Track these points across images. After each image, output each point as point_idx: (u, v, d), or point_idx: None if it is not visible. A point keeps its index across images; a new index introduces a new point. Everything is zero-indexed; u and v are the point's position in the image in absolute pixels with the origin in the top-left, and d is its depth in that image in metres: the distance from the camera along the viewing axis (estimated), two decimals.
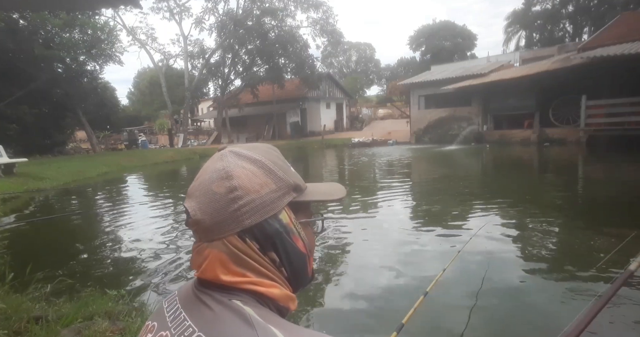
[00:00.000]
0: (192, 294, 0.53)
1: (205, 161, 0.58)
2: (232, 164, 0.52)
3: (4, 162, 10.94)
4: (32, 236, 5.80)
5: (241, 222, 0.50)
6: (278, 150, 0.59)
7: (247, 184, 0.51)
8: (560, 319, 2.64)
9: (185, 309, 0.52)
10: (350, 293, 3.24)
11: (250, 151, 0.54)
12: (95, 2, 3.90)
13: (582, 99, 14.06)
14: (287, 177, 0.54)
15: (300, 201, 0.55)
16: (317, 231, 0.61)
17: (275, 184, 0.52)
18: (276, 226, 0.52)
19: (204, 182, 0.52)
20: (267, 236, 0.51)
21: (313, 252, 0.59)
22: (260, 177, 0.52)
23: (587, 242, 4.23)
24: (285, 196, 0.53)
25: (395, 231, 4.95)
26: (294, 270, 0.55)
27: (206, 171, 0.53)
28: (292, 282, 0.55)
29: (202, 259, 0.51)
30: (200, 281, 0.53)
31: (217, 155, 0.55)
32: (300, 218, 0.56)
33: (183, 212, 2.76)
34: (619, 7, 24.78)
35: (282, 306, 0.52)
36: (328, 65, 44.44)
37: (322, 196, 0.59)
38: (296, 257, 0.54)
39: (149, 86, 39.96)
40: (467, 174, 10.70)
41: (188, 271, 3.88)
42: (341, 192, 0.61)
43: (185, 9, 26.30)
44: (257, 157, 0.53)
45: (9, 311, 2.40)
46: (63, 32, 18.18)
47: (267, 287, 0.51)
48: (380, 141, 23.33)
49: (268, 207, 0.51)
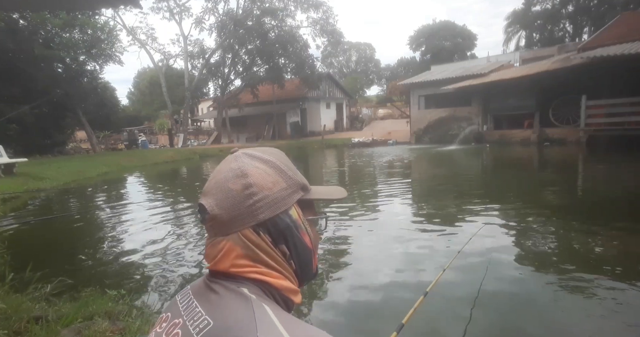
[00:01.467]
0: (203, 285, 0.57)
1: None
2: (246, 164, 0.57)
3: (4, 162, 10.94)
4: (32, 236, 5.80)
5: (256, 216, 0.54)
6: (284, 154, 0.63)
7: (261, 181, 0.55)
8: (561, 319, 2.65)
9: (197, 297, 0.56)
10: (349, 293, 3.24)
11: (261, 153, 0.59)
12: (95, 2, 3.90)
13: (582, 99, 14.06)
14: (295, 176, 0.59)
15: (306, 199, 0.60)
16: (321, 229, 0.66)
17: (285, 183, 0.57)
18: (287, 221, 0.56)
19: (220, 181, 0.56)
20: (279, 230, 0.56)
21: (317, 249, 0.64)
22: (272, 175, 0.56)
23: (587, 242, 4.23)
24: (294, 194, 0.58)
25: (395, 231, 4.95)
26: (301, 264, 0.59)
27: (221, 171, 0.58)
28: (299, 275, 0.60)
29: (217, 252, 0.55)
30: (212, 273, 0.57)
31: (231, 157, 0.59)
32: (306, 216, 0.60)
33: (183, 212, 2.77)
34: (619, 7, 24.78)
35: (287, 298, 0.57)
36: (328, 65, 44.48)
37: (325, 195, 0.64)
38: (303, 252, 0.59)
39: (149, 86, 39.96)
40: (467, 174, 10.70)
41: (188, 271, 3.88)
42: (342, 193, 0.66)
43: (185, 9, 26.33)
44: (269, 158, 0.58)
45: (9, 311, 2.40)
46: (63, 32, 18.19)
47: (275, 278, 0.56)
48: (380, 141, 23.33)
49: (280, 203, 0.56)
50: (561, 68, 14.77)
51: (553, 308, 2.77)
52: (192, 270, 3.91)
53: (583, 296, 2.95)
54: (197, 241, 4.97)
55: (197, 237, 5.12)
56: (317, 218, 0.63)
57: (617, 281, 3.14)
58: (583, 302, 2.86)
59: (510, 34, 33.57)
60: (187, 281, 3.64)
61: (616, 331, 2.56)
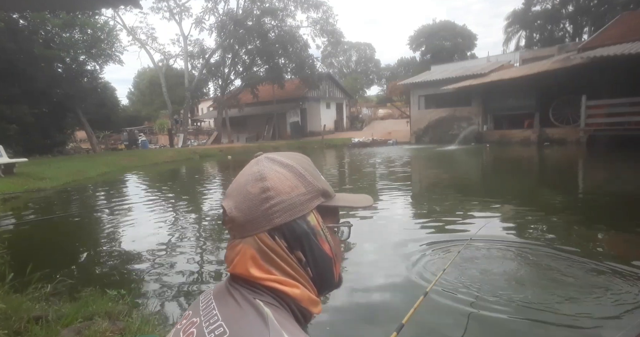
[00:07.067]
0: (224, 288, 0.58)
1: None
2: (266, 167, 0.57)
3: (4, 162, 10.92)
4: (32, 236, 5.79)
5: (271, 220, 0.54)
6: (310, 160, 0.62)
7: (279, 185, 0.55)
8: (561, 319, 2.64)
9: (216, 299, 0.57)
10: (349, 293, 3.24)
11: (283, 157, 0.59)
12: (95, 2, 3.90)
13: (582, 99, 14.07)
14: (316, 182, 0.58)
15: (329, 206, 0.59)
16: (343, 238, 0.64)
17: (305, 188, 0.56)
18: (304, 227, 0.55)
19: (240, 184, 0.57)
20: (295, 235, 0.55)
21: (340, 258, 0.62)
22: (291, 180, 0.56)
23: (588, 242, 4.23)
24: (313, 200, 0.57)
25: (394, 231, 4.95)
26: (319, 271, 0.58)
27: (243, 175, 0.58)
28: (317, 283, 0.58)
29: (234, 255, 0.56)
30: (232, 276, 0.58)
31: (254, 161, 0.60)
32: (327, 223, 0.59)
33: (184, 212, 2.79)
34: (619, 7, 24.79)
35: (303, 308, 0.56)
36: (328, 65, 44.39)
37: (349, 202, 0.63)
38: (322, 259, 0.57)
39: (149, 86, 39.92)
40: (467, 174, 10.70)
41: (188, 271, 3.88)
42: (368, 201, 0.65)
43: (185, 9, 26.27)
44: (290, 163, 0.58)
45: (9, 311, 2.40)
46: (63, 32, 18.19)
47: (290, 286, 0.55)
48: (380, 141, 23.34)
49: (297, 208, 0.55)
50: (561, 68, 14.77)
51: (553, 308, 2.77)
52: (192, 270, 3.91)
53: (584, 296, 2.94)
54: (198, 241, 4.97)
55: (198, 237, 5.12)
56: (338, 226, 0.62)
57: (616, 282, 3.13)
58: (583, 302, 2.86)
59: (510, 34, 33.61)
60: (188, 281, 3.64)
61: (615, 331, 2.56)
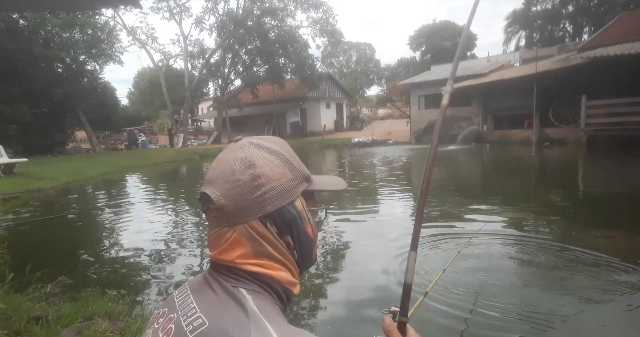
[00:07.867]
0: (202, 280, 0.57)
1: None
2: (253, 154, 0.56)
3: (4, 162, 10.92)
4: (32, 236, 5.79)
5: (264, 207, 0.54)
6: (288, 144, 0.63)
7: (269, 172, 0.55)
8: (561, 319, 2.64)
9: (193, 293, 0.56)
10: (349, 293, 3.24)
11: (268, 143, 0.59)
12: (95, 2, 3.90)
13: (582, 99, 14.07)
14: (301, 168, 0.59)
15: (309, 190, 0.60)
16: (321, 219, 0.66)
17: (292, 174, 0.57)
18: (293, 212, 0.56)
19: (225, 171, 0.55)
20: (285, 221, 0.56)
21: (317, 238, 0.64)
22: (280, 166, 0.56)
23: (587, 242, 4.23)
24: (300, 185, 0.58)
25: (394, 231, 4.95)
26: (303, 253, 0.59)
27: (226, 160, 0.56)
28: (300, 265, 0.60)
29: (221, 243, 0.55)
30: (214, 265, 0.57)
31: (236, 146, 0.58)
32: (309, 206, 0.61)
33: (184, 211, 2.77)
34: (619, 7, 24.77)
35: (287, 289, 0.57)
36: (328, 65, 44.35)
37: (327, 186, 0.64)
38: (306, 242, 0.59)
39: (149, 86, 39.90)
40: (467, 174, 10.70)
41: (187, 271, 3.88)
42: (342, 184, 0.67)
43: (185, 9, 26.29)
44: (276, 149, 0.58)
45: (9, 311, 2.40)
46: (63, 32, 18.19)
47: (276, 270, 0.56)
48: (380, 141, 23.33)
49: (287, 194, 0.56)
50: (561, 68, 14.77)
51: (554, 308, 2.77)
52: (192, 270, 3.91)
53: (584, 295, 2.94)
54: (198, 240, 4.97)
55: (198, 237, 5.12)
56: (319, 209, 0.64)
57: (617, 281, 3.13)
58: (583, 302, 2.86)
59: (510, 34, 33.58)
60: (188, 280, 3.64)
61: (617, 331, 2.56)
